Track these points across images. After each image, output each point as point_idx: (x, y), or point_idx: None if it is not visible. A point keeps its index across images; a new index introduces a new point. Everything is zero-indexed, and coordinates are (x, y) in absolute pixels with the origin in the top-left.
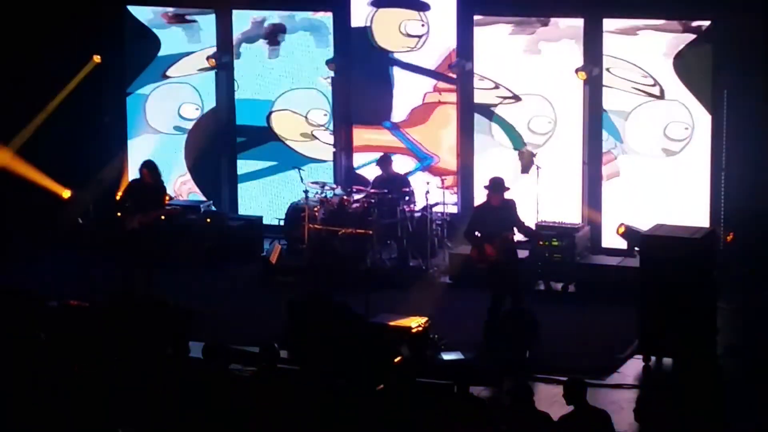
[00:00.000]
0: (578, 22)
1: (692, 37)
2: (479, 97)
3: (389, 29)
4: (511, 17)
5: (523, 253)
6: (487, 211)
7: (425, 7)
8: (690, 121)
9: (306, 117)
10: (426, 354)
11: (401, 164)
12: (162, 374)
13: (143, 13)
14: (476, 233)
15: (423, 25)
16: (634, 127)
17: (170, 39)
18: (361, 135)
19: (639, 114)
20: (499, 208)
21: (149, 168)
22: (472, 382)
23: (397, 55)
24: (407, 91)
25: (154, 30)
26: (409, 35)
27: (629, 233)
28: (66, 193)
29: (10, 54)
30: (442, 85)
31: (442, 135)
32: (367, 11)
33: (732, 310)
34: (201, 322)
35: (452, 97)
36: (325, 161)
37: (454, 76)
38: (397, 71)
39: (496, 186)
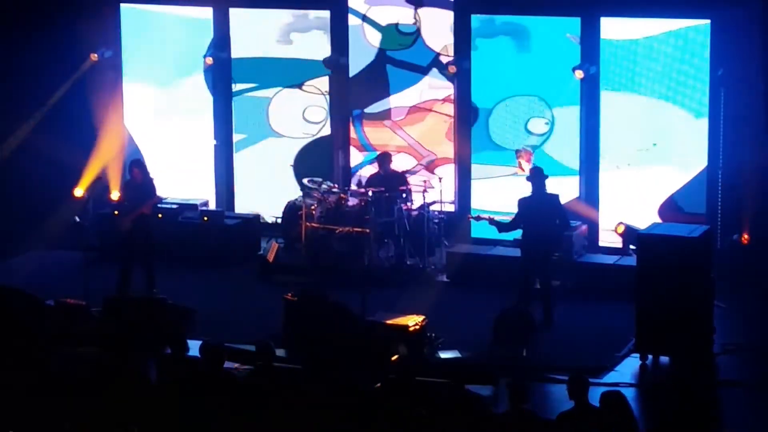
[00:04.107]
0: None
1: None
2: None
3: (383, 26)
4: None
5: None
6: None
7: (419, 3)
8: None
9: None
10: (423, 352)
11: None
12: (160, 373)
13: None
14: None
15: (416, 23)
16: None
17: None
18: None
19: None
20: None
21: (139, 167)
22: (469, 380)
23: (391, 53)
24: (403, 90)
25: None
26: (402, 33)
27: (629, 232)
28: (78, 192)
29: (7, 53)
30: (436, 82)
31: (438, 134)
32: (364, 9)
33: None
34: (199, 320)
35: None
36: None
37: (452, 73)
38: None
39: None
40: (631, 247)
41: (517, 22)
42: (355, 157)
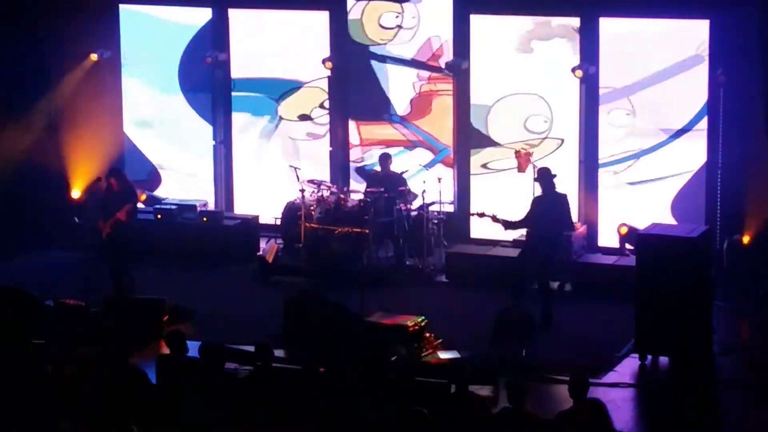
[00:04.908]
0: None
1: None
2: None
3: (371, 22)
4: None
5: (516, 252)
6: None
7: None
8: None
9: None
10: (422, 352)
11: (420, 157)
12: (160, 373)
13: None
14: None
15: (398, 16)
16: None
17: None
18: (370, 131)
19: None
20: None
21: (116, 176)
22: (468, 381)
23: (377, 48)
24: (399, 84)
25: None
26: (388, 27)
27: (632, 234)
28: (75, 194)
29: (6, 52)
30: (424, 73)
31: (447, 124)
32: (361, 6)
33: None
34: (199, 320)
35: (444, 85)
36: None
37: (450, 74)
38: (388, 65)
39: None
40: (628, 247)
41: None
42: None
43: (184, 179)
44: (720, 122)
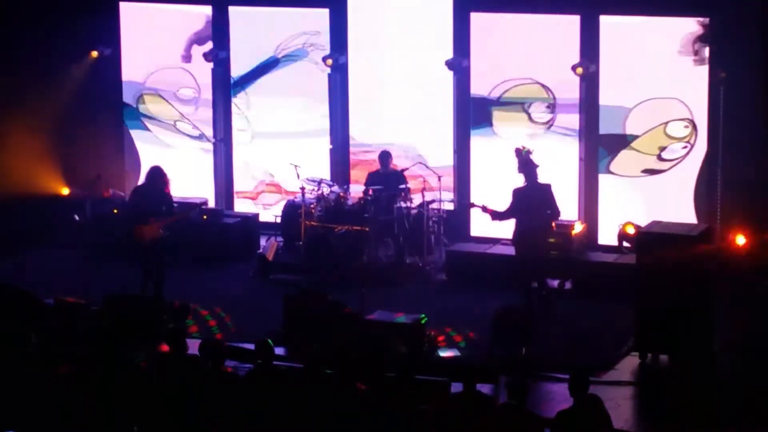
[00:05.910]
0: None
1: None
2: None
3: None
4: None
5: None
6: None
7: None
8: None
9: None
10: (423, 351)
11: None
12: (159, 372)
13: None
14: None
15: None
16: None
17: None
18: None
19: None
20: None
21: (159, 175)
22: (468, 379)
23: None
24: None
25: None
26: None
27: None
28: (65, 191)
29: (6, 51)
30: None
31: None
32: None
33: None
34: (198, 319)
35: None
36: None
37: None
38: None
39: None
40: (625, 244)
41: None
42: None
43: (184, 177)
44: (720, 121)
